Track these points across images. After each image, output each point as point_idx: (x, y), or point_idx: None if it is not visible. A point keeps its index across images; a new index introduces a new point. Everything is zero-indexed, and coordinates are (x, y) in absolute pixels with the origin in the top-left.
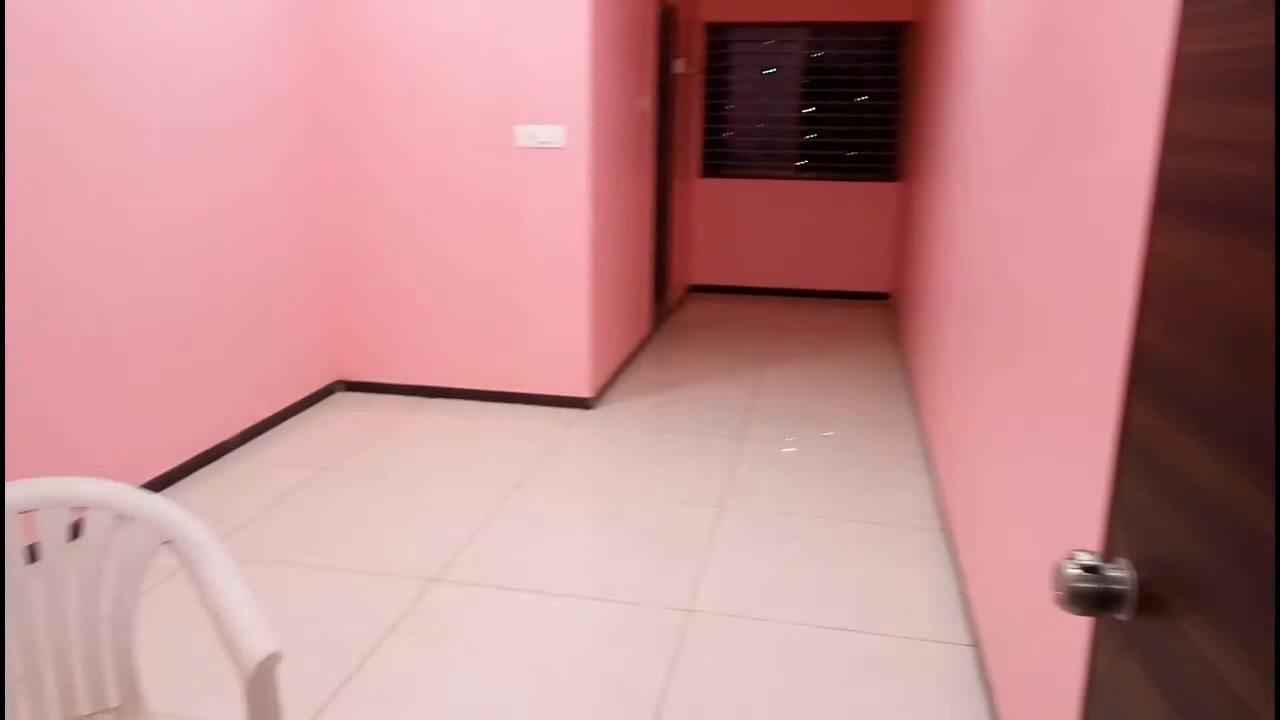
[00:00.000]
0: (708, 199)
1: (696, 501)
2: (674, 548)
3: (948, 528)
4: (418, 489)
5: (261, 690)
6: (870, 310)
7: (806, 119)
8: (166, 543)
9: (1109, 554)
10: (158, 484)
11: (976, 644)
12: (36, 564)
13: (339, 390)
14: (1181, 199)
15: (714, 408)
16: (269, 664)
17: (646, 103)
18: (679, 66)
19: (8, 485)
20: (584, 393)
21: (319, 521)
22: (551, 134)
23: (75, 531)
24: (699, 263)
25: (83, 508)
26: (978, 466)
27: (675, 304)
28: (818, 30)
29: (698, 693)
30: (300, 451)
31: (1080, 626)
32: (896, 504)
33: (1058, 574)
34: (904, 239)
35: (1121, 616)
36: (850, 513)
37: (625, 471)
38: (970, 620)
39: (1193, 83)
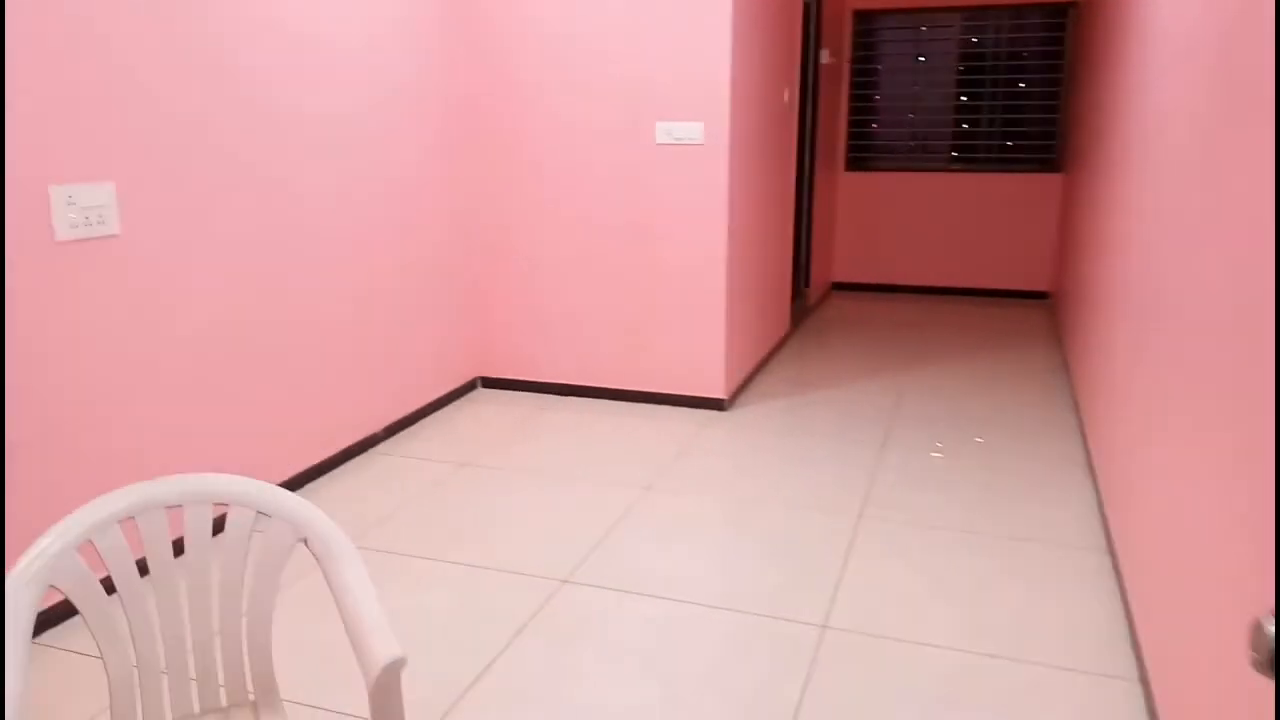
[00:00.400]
0: (853, 193)
1: (834, 510)
2: (809, 558)
3: (1113, 550)
4: (551, 487)
5: (385, 693)
6: (1028, 310)
7: (961, 108)
8: (302, 540)
9: None
10: (305, 477)
11: (1145, 680)
12: (181, 558)
13: (478, 387)
14: None
15: (855, 412)
16: (393, 668)
17: (790, 95)
18: (825, 57)
19: (156, 481)
20: (718, 394)
21: (456, 518)
22: (690, 130)
23: (218, 527)
24: (843, 259)
25: (225, 504)
26: (1155, 490)
27: (817, 302)
28: (973, 15)
29: (832, 717)
30: (440, 447)
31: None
32: (1055, 521)
33: (1257, 633)
34: (1067, 234)
35: None
36: (1003, 529)
37: (759, 476)
38: (1138, 653)
39: None
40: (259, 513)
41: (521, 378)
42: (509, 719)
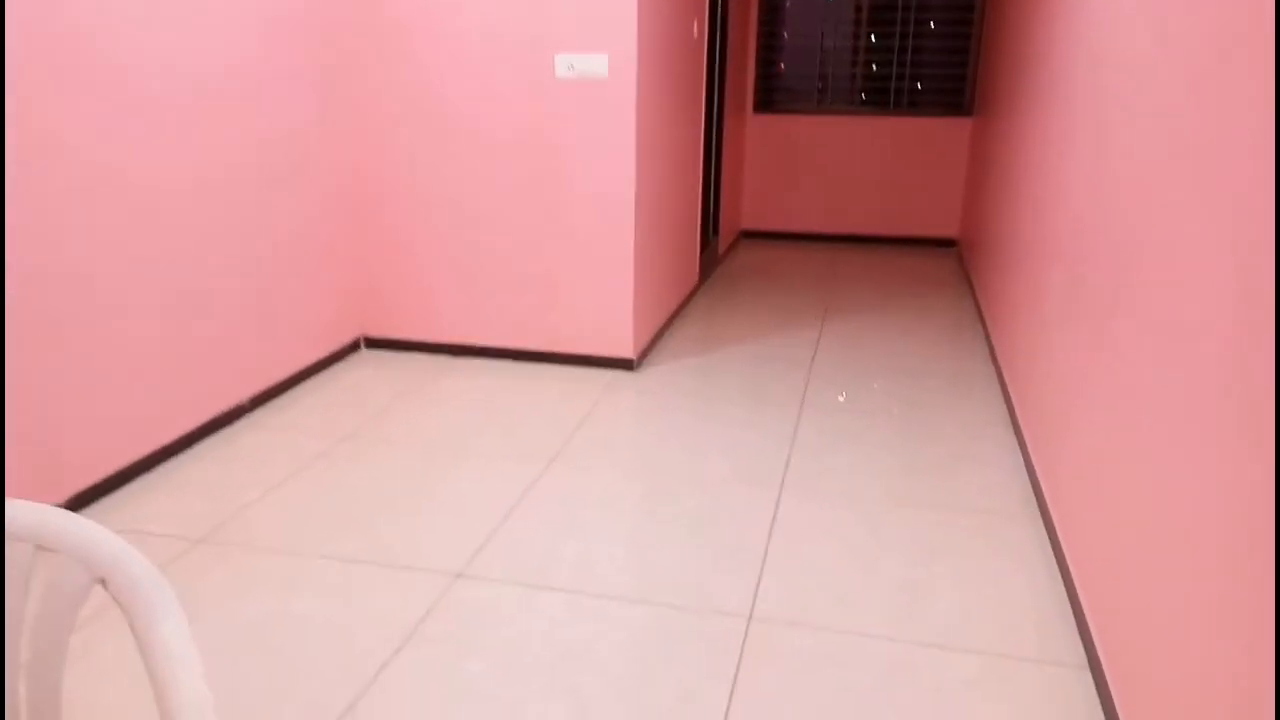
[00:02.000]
0: (761, 137)
1: (754, 481)
2: (730, 539)
3: (1047, 516)
4: (443, 464)
5: None
6: (936, 258)
7: (870, 49)
8: (99, 582)
9: None
10: (154, 459)
11: (1094, 665)
12: None
13: (362, 349)
14: None
15: (769, 368)
16: None
17: (699, 28)
18: None
19: None
20: (626, 353)
21: (333, 503)
22: (593, 64)
23: None
24: (752, 206)
25: None
26: (1093, 449)
27: (725, 251)
28: None
29: None
30: (318, 419)
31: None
32: (985, 486)
33: None
34: (978, 180)
35: None
36: (930, 497)
37: (672, 445)
38: (1085, 634)
39: None
40: (38, 547)
41: (410, 338)
42: None
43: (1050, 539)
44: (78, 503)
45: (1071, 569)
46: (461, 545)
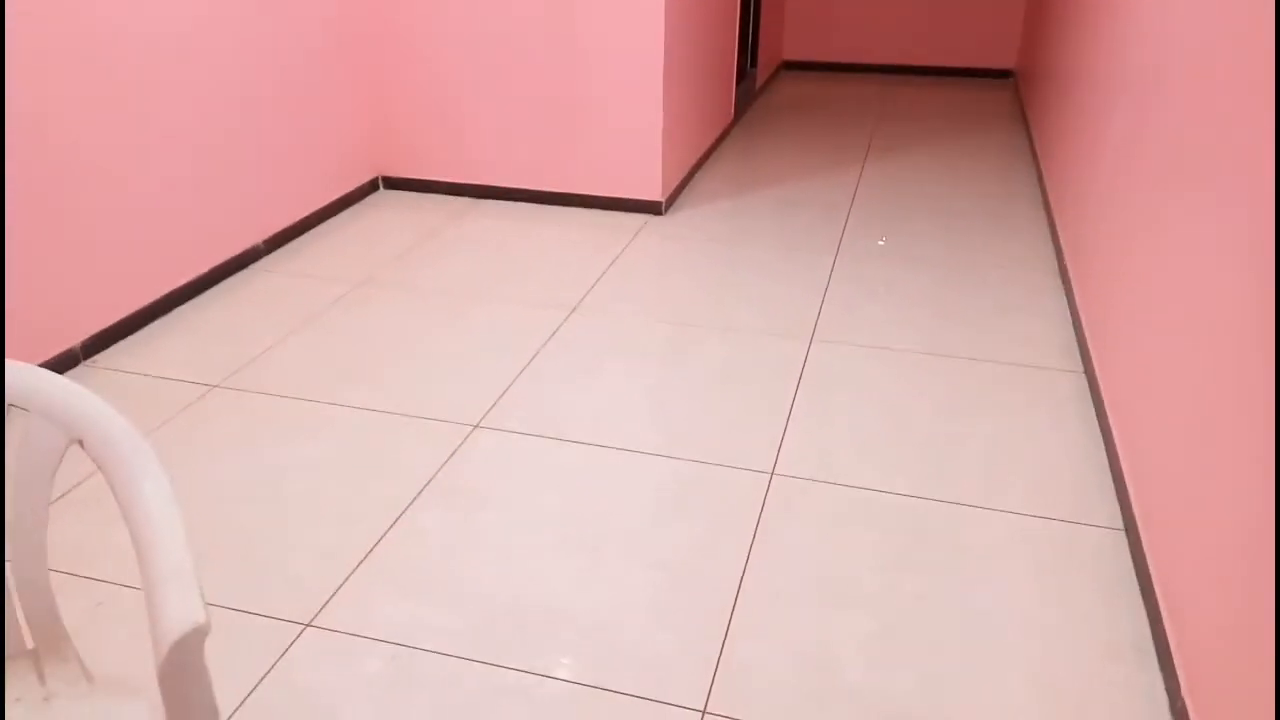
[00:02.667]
0: None
1: (782, 333)
2: (754, 393)
3: (1091, 371)
4: (462, 310)
5: (180, 673)
6: (992, 90)
7: None
8: (77, 442)
9: None
10: (168, 302)
11: (1131, 528)
12: None
13: (380, 189)
14: None
15: (805, 212)
16: (188, 643)
17: None
18: None
19: None
20: (655, 195)
21: (348, 350)
22: None
23: None
24: (793, 35)
25: None
26: (1142, 307)
27: (764, 84)
28: None
29: (780, 583)
30: (334, 262)
31: None
32: (1026, 337)
33: None
34: (1039, 4)
35: None
36: (969, 348)
37: (699, 294)
38: (1123, 497)
39: None
40: (11, 405)
41: (430, 177)
42: (403, 609)
43: (1093, 394)
44: (91, 347)
45: (1113, 427)
46: (480, 395)
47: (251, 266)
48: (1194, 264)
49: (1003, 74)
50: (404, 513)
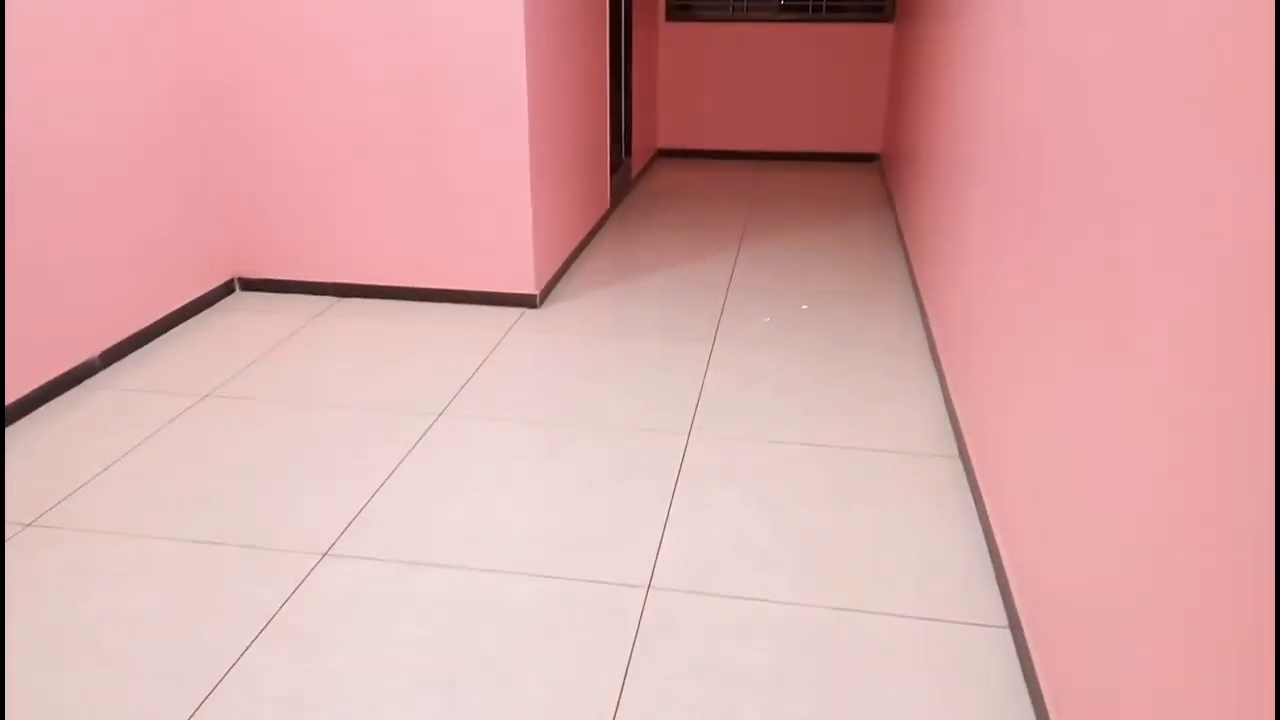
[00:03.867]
0: (676, 48)
1: (660, 427)
2: (631, 495)
3: (966, 456)
4: (317, 421)
5: None
6: (858, 174)
7: None
8: None
9: None
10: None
11: (1015, 625)
12: None
13: (236, 290)
14: None
15: (682, 301)
16: None
17: None
18: None
19: None
20: (528, 288)
21: (186, 474)
22: None
23: None
24: (668, 124)
25: None
26: (1015, 390)
27: (640, 172)
28: None
29: (657, 714)
30: (178, 375)
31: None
32: (902, 423)
33: None
34: (899, 92)
35: None
36: (845, 437)
37: (574, 390)
38: (1006, 592)
39: None
40: None
41: (290, 277)
42: None
43: (969, 481)
44: None
45: (990, 516)
46: (332, 518)
47: (85, 383)
48: (1055, 349)
49: (869, 157)
50: (237, 661)
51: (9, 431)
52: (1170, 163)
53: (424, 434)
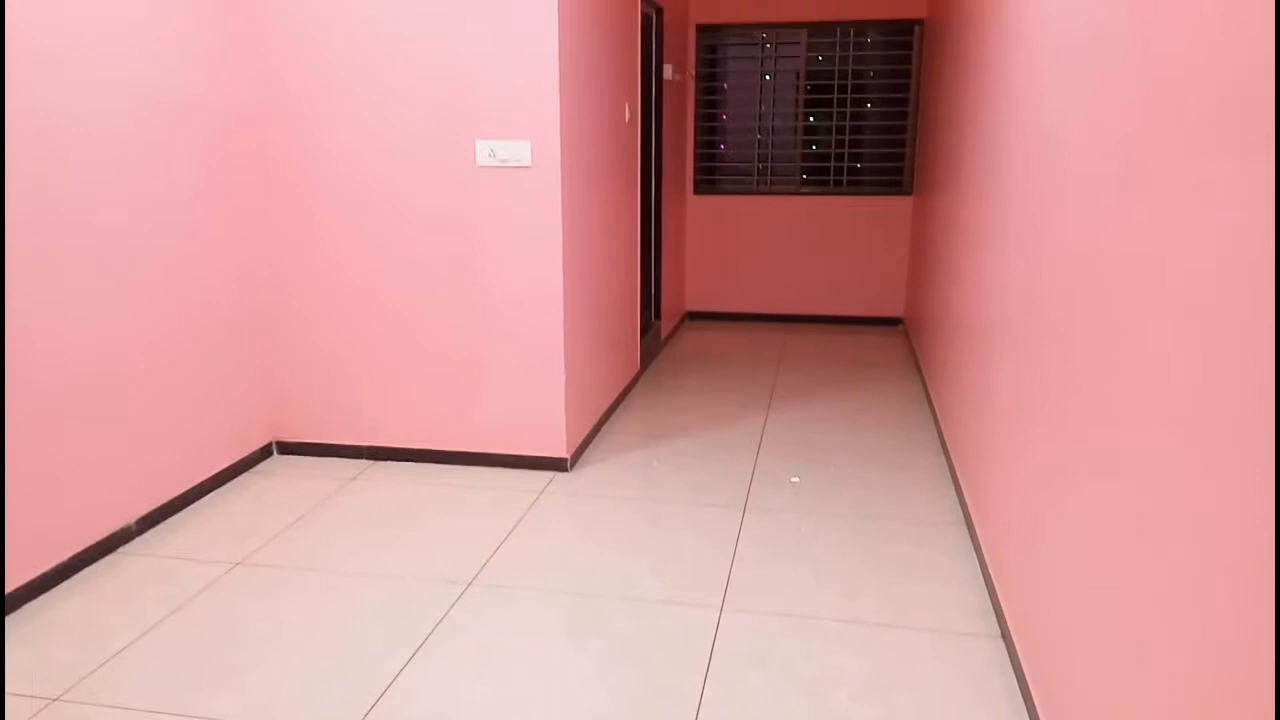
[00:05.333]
0: (703, 217)
1: (692, 601)
2: (661, 676)
3: (1007, 635)
4: (348, 591)
5: None
6: (883, 337)
7: (808, 129)
8: None
9: None
10: (25, 594)
11: None
12: None
13: (274, 454)
14: None
15: (712, 465)
16: None
17: (630, 113)
18: (668, 73)
19: None
20: (559, 452)
21: (214, 646)
22: (516, 151)
23: None
24: (695, 287)
25: None
26: (1049, 559)
27: (670, 334)
28: (819, 31)
29: None
30: (215, 538)
31: None
32: (937, 598)
33: None
34: (920, 259)
35: None
36: (881, 613)
37: (604, 561)
38: None
39: None
40: None
41: (327, 441)
42: None
43: (1012, 662)
44: None
45: (1036, 701)
46: (355, 697)
47: (120, 550)
48: (1092, 521)
49: (893, 321)
50: None
51: (43, 600)
52: (1186, 346)
53: (452, 606)
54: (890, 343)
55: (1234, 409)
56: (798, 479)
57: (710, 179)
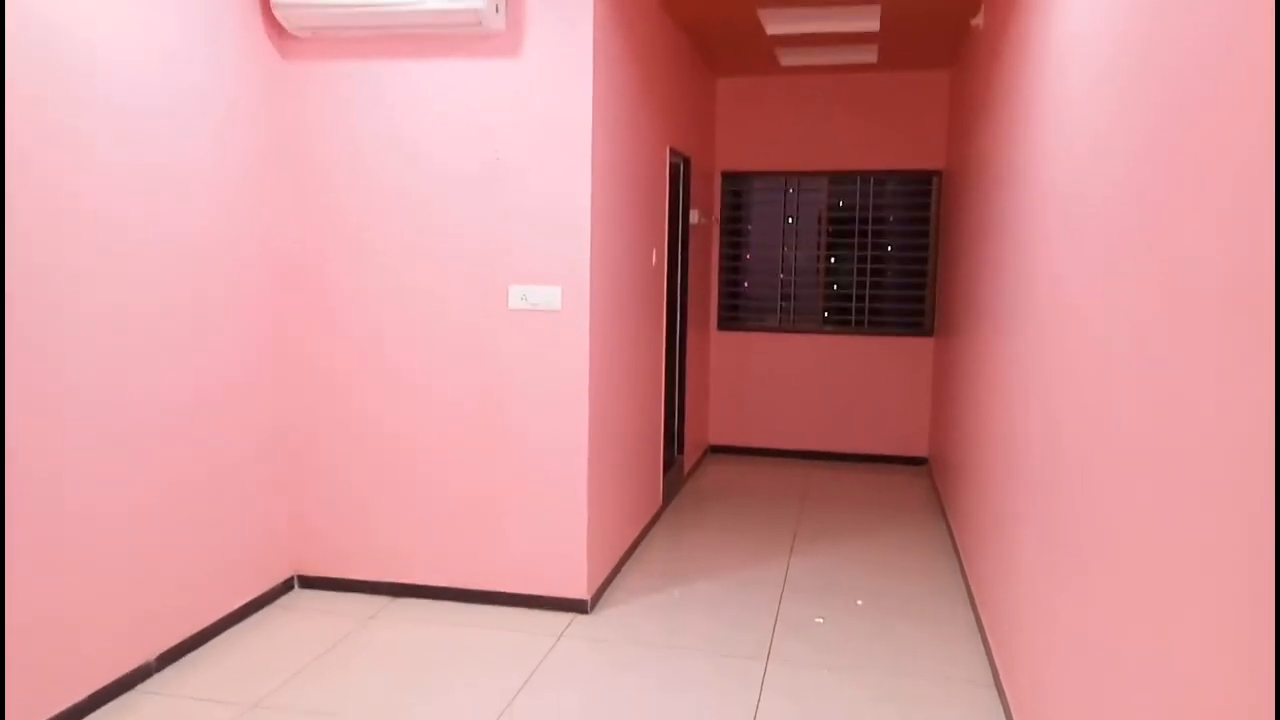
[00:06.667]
0: (727, 353)
1: None
2: None
3: None
4: None
5: None
6: (908, 477)
7: (830, 270)
8: None
9: None
10: None
11: None
12: None
13: (295, 588)
14: None
15: (735, 610)
16: None
17: (657, 256)
18: (695, 218)
19: None
20: (580, 593)
21: None
22: (547, 296)
23: None
24: (719, 421)
25: None
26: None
27: (692, 468)
28: (839, 180)
29: None
30: (232, 678)
31: None
32: None
33: None
34: (943, 400)
35: None
36: None
37: (623, 712)
38: None
39: None
40: None
41: (348, 576)
42: None
43: None
44: None
45: None
46: None
47: (138, 688)
48: (1112, 679)
49: (917, 460)
50: None
51: None
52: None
53: None
54: (915, 483)
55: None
56: (822, 619)
57: (734, 316)
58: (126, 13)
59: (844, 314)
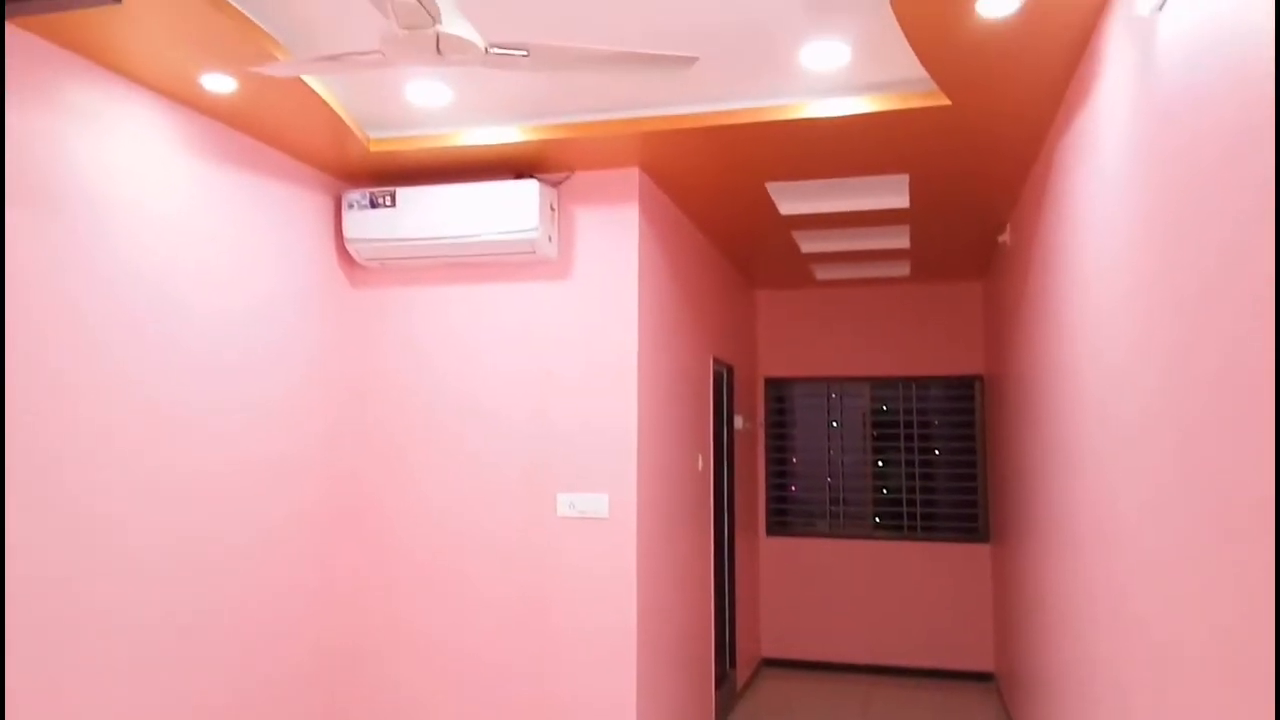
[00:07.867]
0: (776, 559)
1: None
2: None
3: None
4: None
5: None
6: (975, 694)
7: (878, 473)
8: None
9: None
10: None
11: None
12: None
13: None
14: None
15: None
16: None
17: (703, 462)
18: (739, 423)
19: None
20: None
21: None
22: (595, 503)
23: None
24: (771, 632)
25: None
26: None
27: (745, 683)
28: (881, 385)
29: None
30: None
31: None
32: None
33: None
34: (1007, 611)
35: None
36: None
37: None
38: None
39: None
40: None
41: None
42: None
43: None
44: None
45: None
46: None
47: None
48: None
49: (984, 676)
50: None
51: None
52: None
53: None
54: (984, 702)
55: None
56: None
57: (782, 520)
58: (239, 272)
59: (895, 518)
